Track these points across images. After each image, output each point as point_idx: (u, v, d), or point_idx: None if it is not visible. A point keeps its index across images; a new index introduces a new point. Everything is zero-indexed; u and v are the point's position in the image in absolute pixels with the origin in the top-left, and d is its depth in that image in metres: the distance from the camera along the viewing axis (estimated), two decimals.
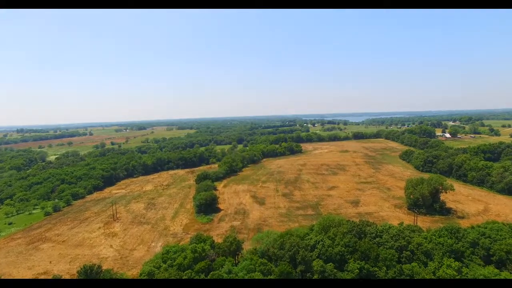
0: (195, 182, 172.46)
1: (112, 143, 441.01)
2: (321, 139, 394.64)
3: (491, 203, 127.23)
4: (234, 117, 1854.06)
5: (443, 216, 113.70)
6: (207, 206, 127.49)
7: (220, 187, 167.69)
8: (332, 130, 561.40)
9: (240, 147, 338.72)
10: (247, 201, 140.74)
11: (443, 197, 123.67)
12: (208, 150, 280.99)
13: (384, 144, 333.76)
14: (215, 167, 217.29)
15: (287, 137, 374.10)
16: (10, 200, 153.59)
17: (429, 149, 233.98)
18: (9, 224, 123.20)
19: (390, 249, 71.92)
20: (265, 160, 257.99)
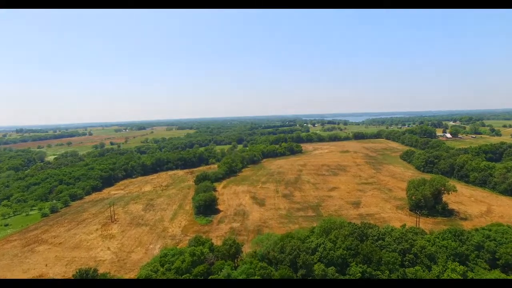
0: (194, 183, 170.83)
1: (111, 143, 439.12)
2: (321, 139, 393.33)
3: (494, 204, 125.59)
4: (234, 117, 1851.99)
5: (445, 218, 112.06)
6: (206, 207, 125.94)
7: (219, 188, 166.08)
8: (332, 130, 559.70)
9: (240, 147, 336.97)
10: (246, 202, 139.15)
11: (445, 198, 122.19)
12: (207, 150, 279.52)
13: (385, 144, 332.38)
14: (215, 167, 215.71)
15: (287, 137, 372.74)
16: (7, 201, 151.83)
17: (430, 149, 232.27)
18: (5, 225, 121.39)
19: (393, 252, 70.33)
20: (265, 160, 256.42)
